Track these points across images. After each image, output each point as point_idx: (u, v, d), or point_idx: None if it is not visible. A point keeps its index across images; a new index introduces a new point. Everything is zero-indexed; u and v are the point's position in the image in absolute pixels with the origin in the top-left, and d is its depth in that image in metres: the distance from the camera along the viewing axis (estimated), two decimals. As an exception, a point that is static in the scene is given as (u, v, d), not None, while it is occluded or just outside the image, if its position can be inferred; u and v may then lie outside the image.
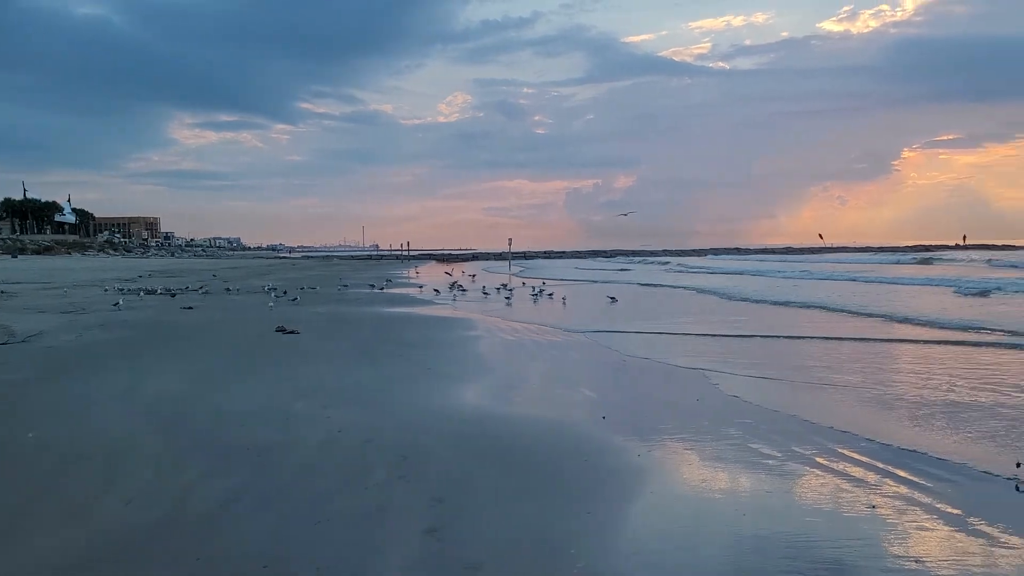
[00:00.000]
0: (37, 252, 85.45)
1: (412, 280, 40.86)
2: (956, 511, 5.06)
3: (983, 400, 8.44)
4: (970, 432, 7.13)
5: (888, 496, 5.38)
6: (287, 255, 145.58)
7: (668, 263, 70.66)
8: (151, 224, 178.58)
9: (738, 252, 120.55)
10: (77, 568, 4.25)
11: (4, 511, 5.04)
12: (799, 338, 14.47)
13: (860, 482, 5.68)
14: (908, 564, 4.23)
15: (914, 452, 6.41)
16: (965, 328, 15.18)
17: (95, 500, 5.24)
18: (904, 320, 17.22)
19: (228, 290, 29.01)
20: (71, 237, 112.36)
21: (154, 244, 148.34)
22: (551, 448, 6.64)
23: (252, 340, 14.09)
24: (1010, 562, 4.29)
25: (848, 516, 5.00)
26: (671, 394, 9.08)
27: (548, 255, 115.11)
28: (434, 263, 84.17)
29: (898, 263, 57.88)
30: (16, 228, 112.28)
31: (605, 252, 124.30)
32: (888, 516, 5.00)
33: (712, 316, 19.59)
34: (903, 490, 5.50)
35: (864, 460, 6.23)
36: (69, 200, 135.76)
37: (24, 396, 8.73)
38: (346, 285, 32.18)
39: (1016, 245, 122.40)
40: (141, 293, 26.73)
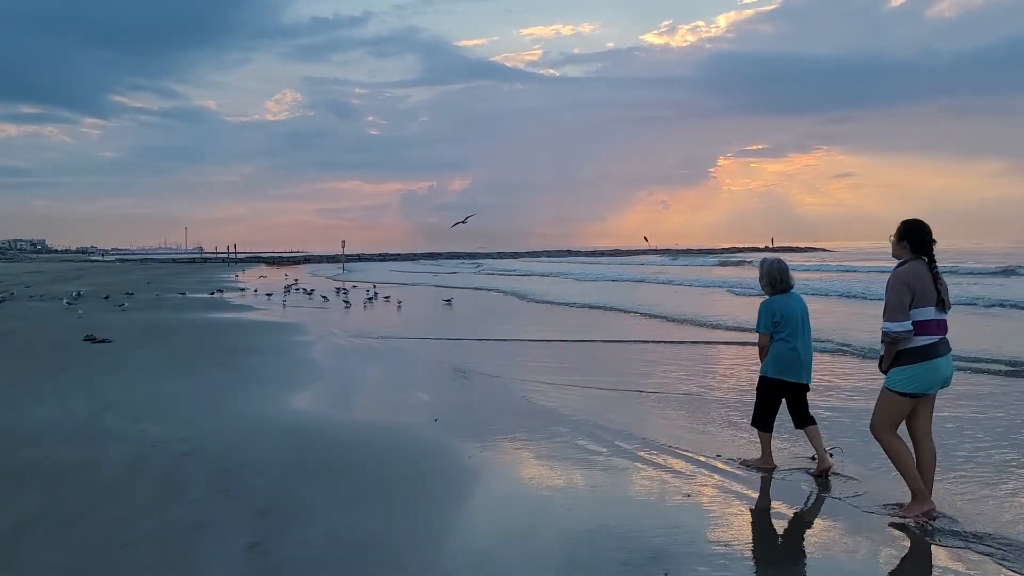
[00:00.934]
0: None
1: (237, 284, 39.15)
2: (756, 495, 5.42)
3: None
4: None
5: (702, 486, 5.69)
6: (100, 258, 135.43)
7: (481, 265, 75.63)
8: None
9: (569, 254, 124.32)
10: None
11: None
12: (585, 341, 15.07)
13: (678, 473, 5.96)
14: (719, 548, 4.47)
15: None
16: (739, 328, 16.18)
17: None
18: (685, 321, 18.10)
19: (31, 296, 26.55)
20: None
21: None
22: (383, 453, 6.53)
23: (56, 350, 12.96)
24: (811, 541, 4.64)
25: (669, 506, 5.24)
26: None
27: (383, 258, 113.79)
28: (263, 266, 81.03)
29: (702, 265, 61.67)
30: None
31: (441, 254, 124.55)
32: (702, 504, 5.28)
33: (511, 319, 20.09)
34: (715, 480, 5.83)
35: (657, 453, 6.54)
36: None
37: None
38: (157, 295, 30.11)
39: (816, 247, 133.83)
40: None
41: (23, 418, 7.71)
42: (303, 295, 28.51)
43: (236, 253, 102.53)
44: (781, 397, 6.06)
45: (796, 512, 5.10)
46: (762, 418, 6.11)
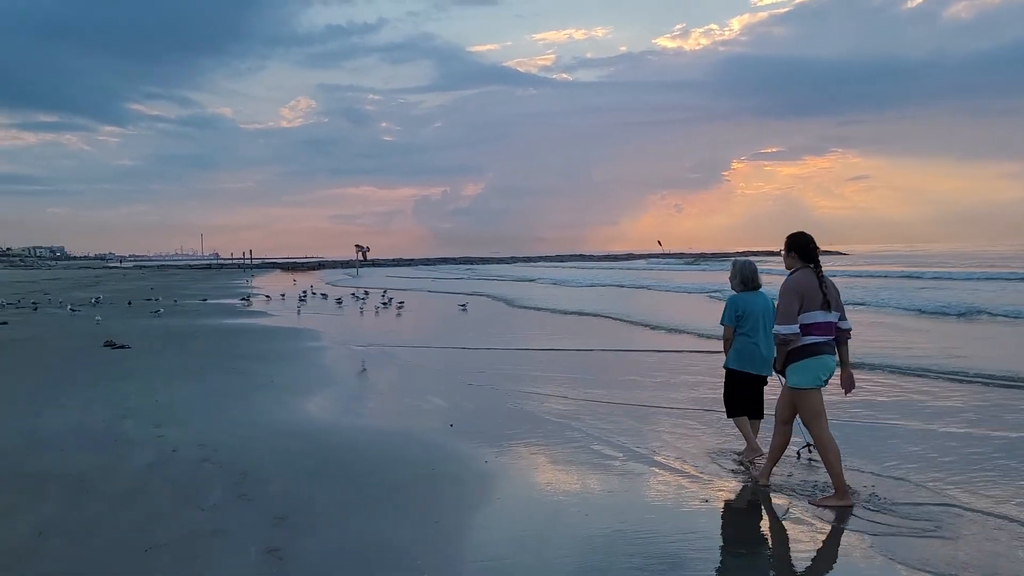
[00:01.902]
0: None
1: (254, 290, 39.36)
2: (780, 501, 5.39)
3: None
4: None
5: (719, 491, 5.67)
6: (118, 265, 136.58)
7: (472, 269, 78.89)
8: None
9: (582, 258, 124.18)
10: None
11: None
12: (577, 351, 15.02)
13: (695, 479, 5.95)
14: (736, 554, 4.46)
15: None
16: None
17: None
18: (674, 330, 17.27)
19: (50, 302, 26.78)
20: None
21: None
22: (398, 458, 6.55)
23: (76, 357, 13.10)
24: (830, 549, 4.61)
25: (685, 511, 5.22)
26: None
27: (398, 263, 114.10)
28: (279, 272, 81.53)
29: (703, 270, 60.94)
30: None
31: (455, 259, 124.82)
32: (720, 510, 5.27)
33: (513, 326, 20.07)
34: (732, 485, 5.81)
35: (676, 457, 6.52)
36: None
37: None
38: (175, 301, 30.33)
39: (831, 250, 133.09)
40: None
41: (43, 424, 7.78)
42: (319, 299, 28.77)
43: (251, 259, 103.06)
44: (745, 386, 6.51)
45: (815, 519, 5.07)
46: (730, 406, 6.59)
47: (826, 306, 5.32)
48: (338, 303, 26.82)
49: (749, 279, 6.53)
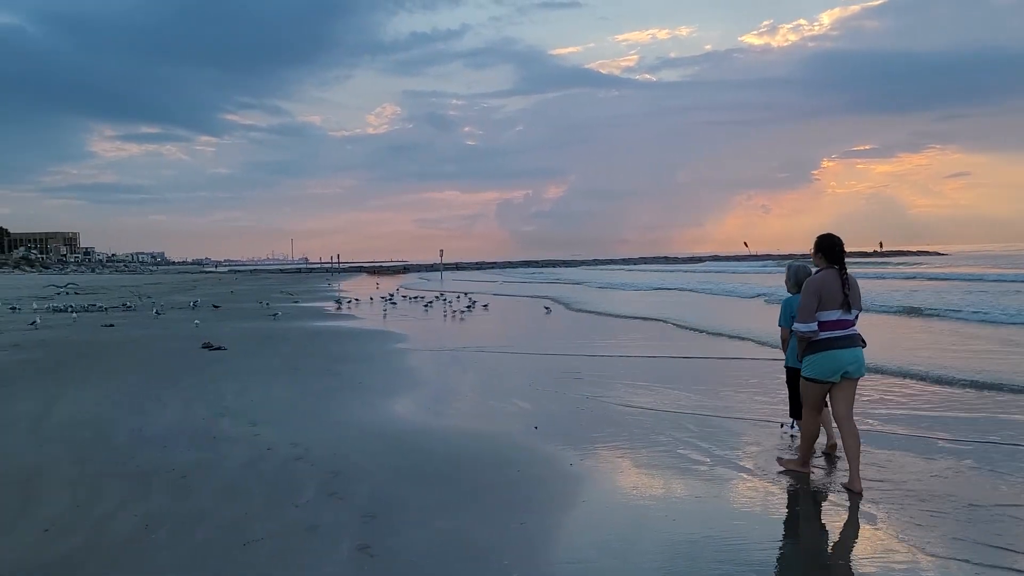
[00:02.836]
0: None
1: (342, 294, 40.34)
2: (874, 512, 5.23)
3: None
4: (897, 435, 7.37)
5: (814, 498, 5.53)
6: (213, 270, 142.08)
7: (542, 272, 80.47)
8: (70, 239, 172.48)
9: (667, 260, 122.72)
10: (-14, 602, 4.05)
11: (-94, 544, 4.76)
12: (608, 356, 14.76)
13: (785, 486, 5.83)
14: (828, 563, 4.34)
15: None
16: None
17: (11, 528, 5.00)
18: (729, 335, 16.69)
19: (154, 308, 28.06)
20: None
21: (73, 260, 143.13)
22: (484, 459, 6.62)
23: (176, 358, 13.70)
24: (934, 563, 4.45)
25: (774, 518, 5.13)
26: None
27: (480, 266, 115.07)
28: (365, 275, 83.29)
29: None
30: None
31: (537, 262, 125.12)
32: (814, 517, 5.14)
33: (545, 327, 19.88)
34: (824, 494, 5.66)
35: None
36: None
37: (-71, 422, 8.29)
38: (267, 304, 31.40)
39: (929, 251, 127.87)
40: (70, 311, 25.75)
41: (148, 421, 8.18)
42: (405, 302, 29.32)
43: (339, 263, 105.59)
44: None
45: (909, 529, 4.89)
46: (794, 406, 6.82)
47: (846, 306, 5.72)
48: (425, 307, 27.25)
49: (803, 281, 6.54)
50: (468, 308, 25.79)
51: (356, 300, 31.35)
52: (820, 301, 5.72)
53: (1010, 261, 62.75)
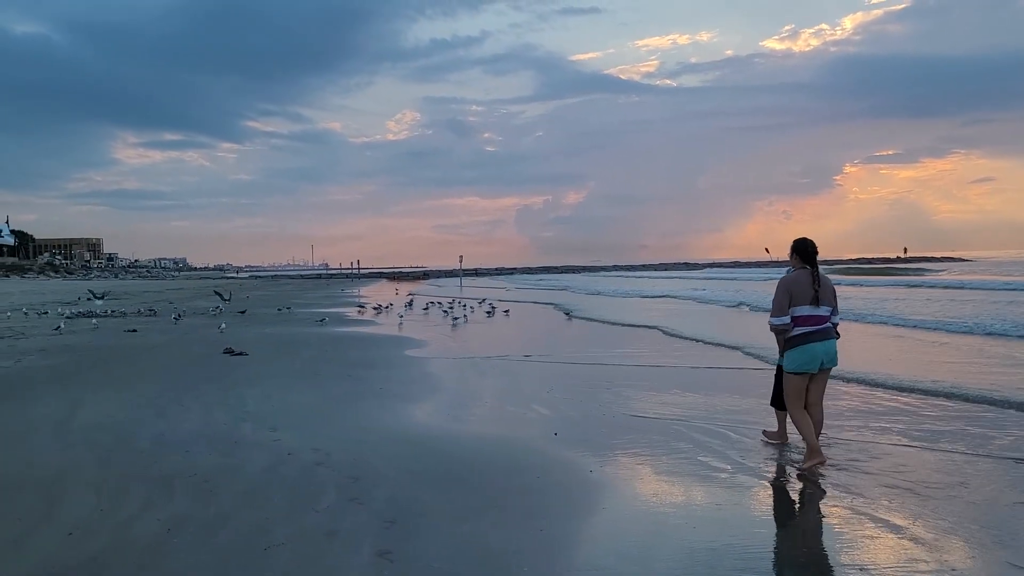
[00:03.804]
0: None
1: (362, 299, 40.53)
2: (902, 521, 5.17)
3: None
4: (917, 442, 7.30)
5: (835, 506, 5.48)
6: (234, 275, 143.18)
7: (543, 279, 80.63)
8: (93, 245, 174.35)
9: (687, 267, 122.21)
10: (12, 604, 4.10)
11: (-66, 546, 4.83)
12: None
13: (807, 494, 5.78)
14: (851, 572, 4.30)
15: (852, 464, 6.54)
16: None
17: (35, 531, 5.06)
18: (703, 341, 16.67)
19: (173, 314, 28.31)
20: (9, 259, 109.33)
21: (96, 266, 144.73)
22: (503, 465, 6.62)
23: (198, 363, 13.81)
24: (954, 565, 4.39)
25: (795, 527, 5.08)
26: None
27: (499, 272, 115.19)
28: (384, 281, 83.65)
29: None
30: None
31: (557, 268, 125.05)
32: (836, 525, 5.09)
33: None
34: (848, 501, 5.61)
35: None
36: (8, 222, 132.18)
37: (-43, 425, 8.41)
38: (288, 308, 31.63)
39: (953, 257, 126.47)
40: (90, 315, 26.06)
41: (170, 426, 8.25)
42: (424, 308, 29.38)
43: (359, 269, 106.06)
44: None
45: (936, 535, 4.83)
46: (777, 398, 7.17)
47: (815, 301, 6.32)
48: (443, 313, 27.31)
49: None
50: (488, 314, 25.83)
51: (376, 307, 31.44)
52: (792, 297, 6.37)
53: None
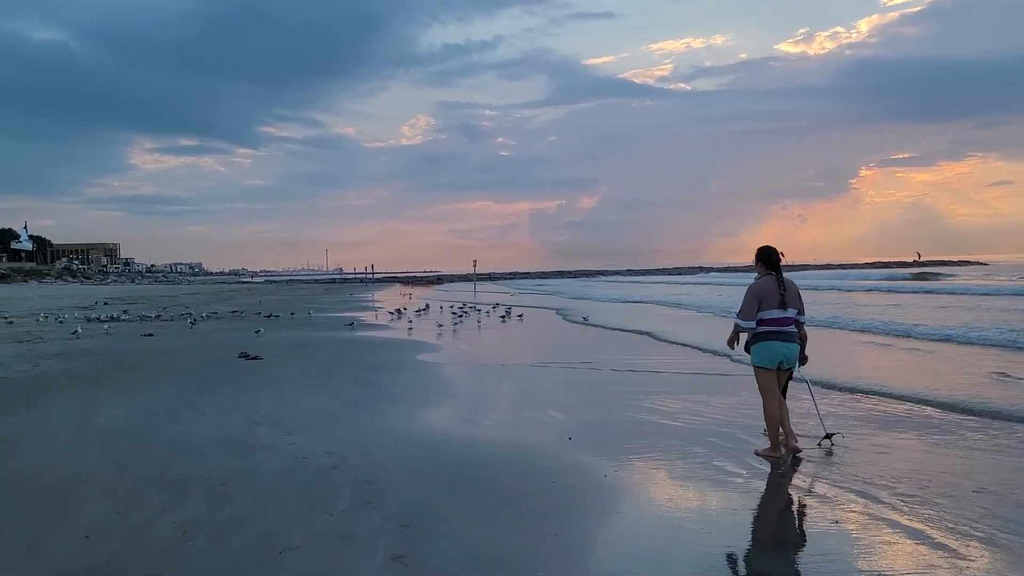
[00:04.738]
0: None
1: (376, 304, 40.64)
2: (920, 526, 5.11)
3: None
4: (930, 449, 7.23)
5: (852, 511, 5.43)
6: (249, 280, 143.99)
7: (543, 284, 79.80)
8: (111, 250, 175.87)
9: (701, 271, 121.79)
10: (29, 606, 4.12)
11: (-47, 548, 4.87)
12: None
13: (824, 499, 5.73)
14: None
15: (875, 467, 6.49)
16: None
17: (52, 534, 5.09)
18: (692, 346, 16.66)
19: (188, 319, 28.47)
20: (28, 264, 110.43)
21: (114, 270, 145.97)
22: (518, 469, 6.61)
23: (213, 367, 13.88)
24: (974, 571, 4.33)
25: (812, 532, 5.04)
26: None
27: (513, 276, 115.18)
28: (399, 286, 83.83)
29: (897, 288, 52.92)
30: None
31: (570, 272, 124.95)
32: (853, 531, 5.04)
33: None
34: (863, 506, 5.55)
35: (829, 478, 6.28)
36: (26, 227, 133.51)
37: (-24, 429, 8.48)
38: (308, 313, 31.81)
39: (971, 260, 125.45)
40: (103, 320, 26.25)
41: (187, 429, 8.29)
42: (438, 312, 29.42)
43: (373, 274, 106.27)
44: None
45: (955, 542, 4.77)
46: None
47: (782, 305, 6.87)
48: (458, 317, 27.32)
49: None
50: (503, 319, 25.83)
51: (390, 311, 31.53)
52: (760, 302, 6.89)
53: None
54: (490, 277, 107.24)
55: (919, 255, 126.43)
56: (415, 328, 23.07)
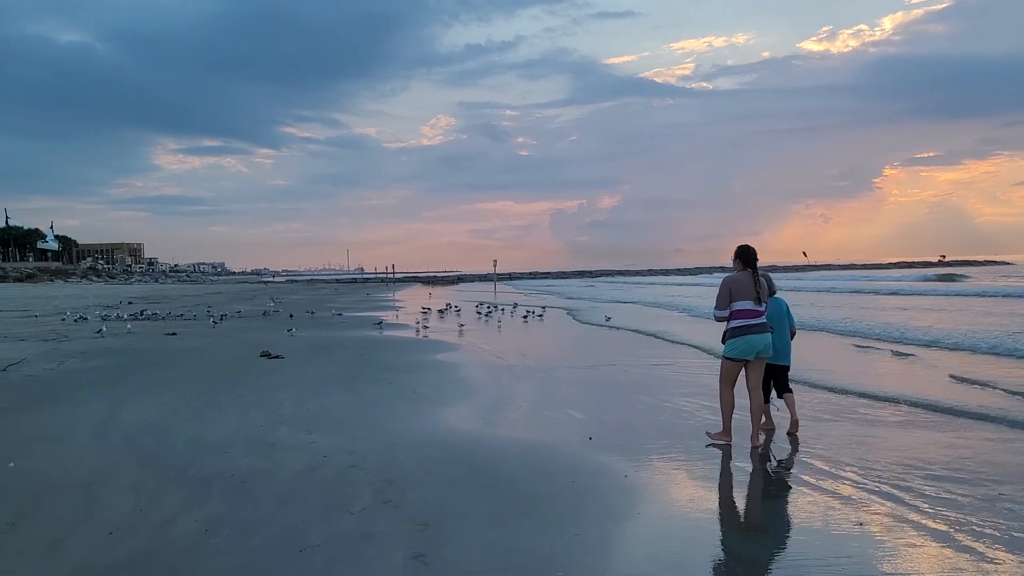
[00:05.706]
0: (19, 280, 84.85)
1: (397, 304, 40.76)
2: (945, 528, 5.04)
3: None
4: (954, 451, 7.14)
5: (876, 513, 5.36)
6: (271, 279, 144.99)
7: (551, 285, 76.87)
8: (135, 250, 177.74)
9: (722, 271, 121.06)
10: (54, 602, 4.15)
11: (-21, 544, 4.93)
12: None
13: (847, 500, 5.66)
14: (897, 581, 4.20)
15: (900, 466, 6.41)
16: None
17: (75, 531, 5.14)
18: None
19: (211, 319, 28.70)
20: (54, 264, 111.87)
21: (138, 270, 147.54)
22: (538, 470, 6.58)
23: (236, 366, 13.98)
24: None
25: (836, 534, 4.98)
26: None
27: (533, 276, 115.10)
28: (419, 286, 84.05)
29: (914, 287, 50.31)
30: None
31: (591, 272, 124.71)
32: (877, 532, 4.98)
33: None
34: (888, 507, 5.48)
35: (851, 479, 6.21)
36: (52, 227, 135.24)
37: (3, 426, 8.60)
38: (339, 313, 31.96)
39: (996, 260, 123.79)
40: (126, 320, 26.53)
41: (208, 428, 8.35)
42: (459, 312, 29.43)
43: (394, 273, 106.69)
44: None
45: (980, 544, 4.70)
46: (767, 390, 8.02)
47: (757, 299, 7.16)
48: (478, 316, 27.32)
49: (774, 288, 7.79)
50: (524, 319, 25.81)
51: (412, 311, 31.60)
52: (732, 293, 7.22)
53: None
54: (510, 277, 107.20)
55: (943, 256, 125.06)
56: (437, 328, 23.09)
